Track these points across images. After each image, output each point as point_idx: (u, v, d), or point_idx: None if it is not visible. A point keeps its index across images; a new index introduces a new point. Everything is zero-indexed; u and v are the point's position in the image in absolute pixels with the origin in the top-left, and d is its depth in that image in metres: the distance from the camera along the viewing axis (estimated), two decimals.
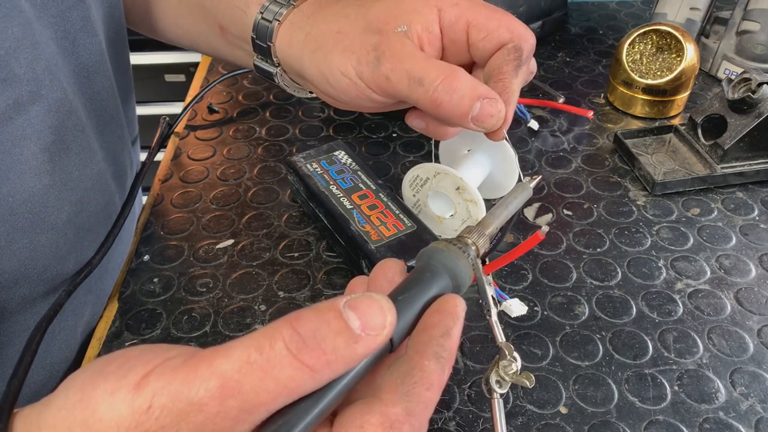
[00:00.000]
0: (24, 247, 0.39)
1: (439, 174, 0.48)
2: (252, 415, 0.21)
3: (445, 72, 0.36)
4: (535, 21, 0.77)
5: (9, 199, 0.37)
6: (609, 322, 0.45)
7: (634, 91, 0.65)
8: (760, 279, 0.49)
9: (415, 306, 0.27)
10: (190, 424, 0.21)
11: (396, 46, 0.37)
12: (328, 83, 0.39)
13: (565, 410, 0.40)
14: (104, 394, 0.22)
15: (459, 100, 0.35)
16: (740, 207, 0.55)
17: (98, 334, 0.46)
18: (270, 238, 0.53)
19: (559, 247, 0.52)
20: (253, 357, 0.22)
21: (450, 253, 0.29)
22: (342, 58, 0.38)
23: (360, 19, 0.39)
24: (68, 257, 0.43)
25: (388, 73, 0.36)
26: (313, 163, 0.53)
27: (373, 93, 0.38)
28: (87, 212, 0.44)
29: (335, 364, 0.22)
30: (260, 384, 0.21)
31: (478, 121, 0.36)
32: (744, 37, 0.68)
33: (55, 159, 0.39)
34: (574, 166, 0.60)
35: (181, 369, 0.22)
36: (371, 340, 0.23)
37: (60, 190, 0.40)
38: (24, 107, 0.36)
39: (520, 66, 0.38)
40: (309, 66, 0.40)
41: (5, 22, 0.35)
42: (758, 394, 0.40)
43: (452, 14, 0.39)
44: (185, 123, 0.67)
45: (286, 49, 0.42)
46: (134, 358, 0.23)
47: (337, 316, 0.23)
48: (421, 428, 0.24)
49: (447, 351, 0.25)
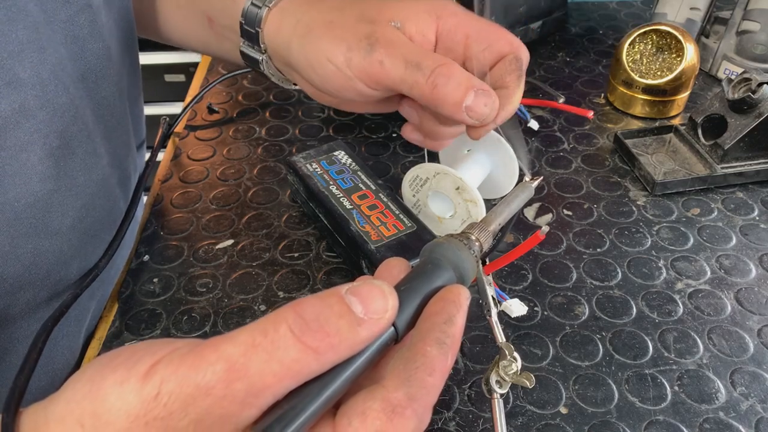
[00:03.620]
0: (28, 252, 0.38)
1: (438, 174, 0.48)
2: (258, 398, 0.22)
3: (441, 60, 0.36)
4: (535, 21, 0.77)
5: (14, 203, 0.37)
6: (609, 322, 0.45)
7: (634, 91, 0.65)
8: (760, 279, 0.48)
9: (418, 296, 0.27)
10: (198, 408, 0.21)
11: (389, 35, 0.37)
12: (314, 70, 0.39)
13: (566, 410, 0.40)
14: (113, 385, 0.22)
15: (456, 86, 0.35)
16: (740, 207, 0.55)
17: (98, 334, 0.46)
18: (270, 239, 0.53)
19: (559, 247, 0.51)
20: (257, 340, 0.22)
21: (453, 246, 0.29)
22: (331, 45, 0.38)
23: (354, 11, 0.39)
24: (72, 262, 0.43)
25: (382, 58, 0.36)
26: (312, 163, 0.53)
27: (359, 82, 0.38)
28: (91, 217, 0.43)
29: (339, 347, 0.23)
30: (265, 366, 0.21)
31: (472, 110, 0.36)
32: (744, 37, 0.68)
33: (60, 164, 0.39)
34: (574, 166, 0.60)
35: (189, 356, 0.22)
36: (374, 323, 0.23)
37: (64, 196, 0.40)
38: (30, 112, 0.36)
39: (522, 77, 0.38)
40: (296, 52, 0.40)
41: (10, 26, 0.34)
42: (758, 394, 0.40)
43: (451, 23, 0.39)
44: (185, 123, 0.67)
45: (275, 35, 0.42)
46: (142, 350, 0.23)
47: (340, 301, 0.23)
48: (424, 414, 0.24)
49: (450, 337, 0.25)
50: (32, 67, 0.36)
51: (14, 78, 0.35)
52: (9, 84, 0.35)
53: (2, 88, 0.34)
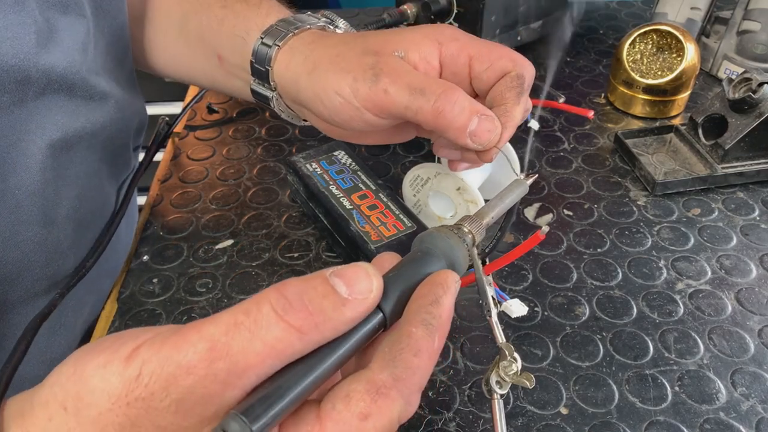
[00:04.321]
0: (28, 240, 0.39)
1: (440, 174, 0.48)
2: (241, 378, 0.22)
3: (445, 85, 0.37)
4: (535, 21, 0.77)
5: (15, 191, 0.38)
6: (609, 322, 0.45)
7: (634, 90, 0.65)
8: (760, 279, 0.48)
9: (407, 282, 0.27)
10: (179, 387, 0.21)
11: (393, 64, 0.38)
12: (322, 103, 0.40)
13: (566, 411, 0.40)
14: (97, 368, 0.22)
15: (460, 111, 0.36)
16: (741, 207, 0.55)
17: (97, 334, 0.46)
18: (269, 239, 0.52)
19: (560, 247, 0.51)
20: (240, 319, 0.22)
21: (444, 236, 0.30)
22: (337, 78, 0.38)
23: (358, 45, 0.40)
24: (68, 253, 0.43)
25: (387, 87, 0.37)
26: (312, 163, 0.53)
27: (366, 112, 0.38)
28: (84, 208, 0.44)
29: (323, 326, 0.23)
30: (248, 345, 0.21)
31: (475, 135, 0.37)
32: (744, 37, 0.68)
33: (57, 155, 0.40)
34: (574, 166, 0.60)
35: (171, 337, 0.22)
36: (359, 303, 0.23)
37: (59, 186, 0.41)
38: (32, 102, 0.37)
39: (522, 93, 0.39)
40: (304, 88, 0.41)
41: (23, 29, 0.35)
42: (759, 394, 0.40)
43: (453, 48, 0.40)
44: (184, 123, 0.67)
45: (284, 72, 0.42)
46: (126, 336, 0.23)
47: (324, 282, 0.23)
48: (411, 395, 0.24)
49: (436, 318, 0.25)
50: (43, 70, 0.37)
51: (25, 77, 0.36)
52: (20, 82, 0.36)
53: (12, 84, 0.35)
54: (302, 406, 0.23)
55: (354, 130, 0.42)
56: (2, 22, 0.34)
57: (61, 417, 0.22)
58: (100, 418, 0.22)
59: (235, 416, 0.21)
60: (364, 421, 0.23)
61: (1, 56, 0.34)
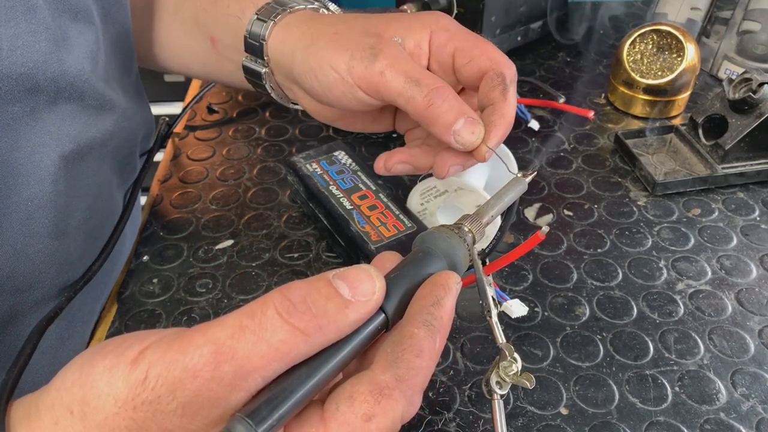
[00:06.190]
0: (39, 252, 0.39)
1: (461, 190, 0.47)
2: (247, 381, 0.22)
3: (439, 82, 0.38)
4: (535, 21, 0.77)
5: (27, 203, 0.37)
6: (610, 322, 0.45)
7: (634, 91, 0.65)
8: (761, 279, 0.48)
9: (409, 283, 0.27)
10: (185, 391, 0.21)
11: (393, 49, 0.38)
12: (316, 78, 0.40)
13: (566, 411, 0.40)
14: (102, 371, 0.22)
15: (448, 109, 0.37)
16: (741, 207, 0.55)
17: (98, 334, 0.46)
18: (270, 239, 0.52)
19: (560, 247, 0.51)
20: (245, 322, 0.22)
21: (444, 236, 0.30)
22: (335, 54, 0.39)
23: (359, 25, 0.41)
24: (78, 264, 0.43)
25: (384, 69, 0.37)
26: (312, 164, 0.53)
27: (359, 90, 0.39)
28: (95, 220, 0.44)
29: (327, 329, 0.23)
30: (253, 348, 0.22)
31: (459, 134, 0.37)
32: (745, 37, 0.68)
33: (70, 166, 0.40)
34: (574, 166, 0.60)
35: (177, 341, 0.22)
36: (362, 305, 0.24)
37: (71, 197, 0.41)
38: (45, 113, 0.37)
39: (506, 89, 0.39)
40: (300, 61, 0.41)
41: (34, 37, 0.35)
42: (759, 395, 0.40)
43: (442, 38, 0.40)
44: (185, 123, 0.67)
45: (279, 47, 0.43)
46: (131, 338, 0.23)
47: (327, 285, 0.23)
48: (413, 396, 0.24)
49: (437, 319, 0.26)
50: (53, 78, 0.37)
51: (35, 86, 0.36)
52: (29, 90, 0.36)
53: (21, 93, 0.35)
54: (306, 408, 0.24)
55: (342, 109, 0.42)
56: (13, 30, 0.34)
57: (67, 421, 0.22)
58: (107, 422, 0.22)
59: (240, 419, 0.21)
60: (367, 422, 0.23)
61: (11, 65, 0.34)
